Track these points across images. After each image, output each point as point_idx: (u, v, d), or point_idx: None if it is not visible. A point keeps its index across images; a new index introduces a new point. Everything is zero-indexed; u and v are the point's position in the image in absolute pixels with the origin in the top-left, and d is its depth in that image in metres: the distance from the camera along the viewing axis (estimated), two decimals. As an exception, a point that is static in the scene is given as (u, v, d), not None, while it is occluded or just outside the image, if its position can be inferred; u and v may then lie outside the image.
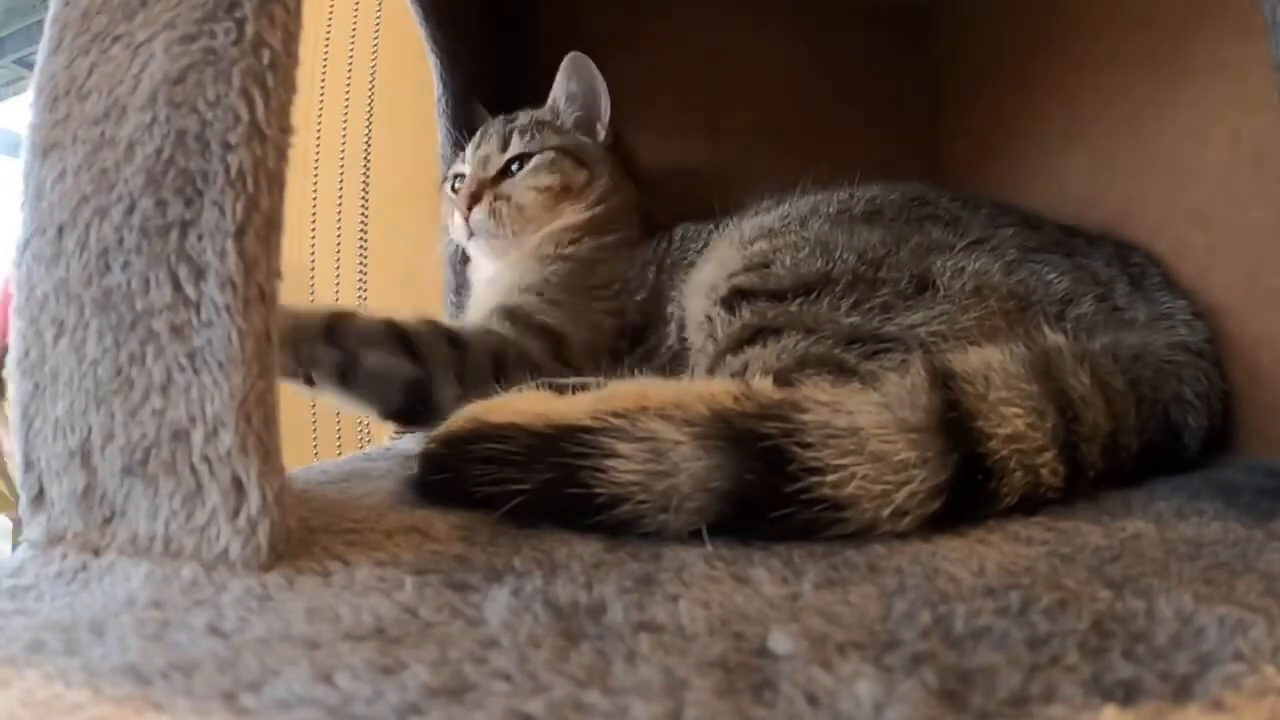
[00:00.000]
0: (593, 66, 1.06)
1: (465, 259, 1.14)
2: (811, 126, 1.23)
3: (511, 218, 1.00)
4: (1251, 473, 0.58)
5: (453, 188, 1.08)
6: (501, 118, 1.09)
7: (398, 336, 0.75)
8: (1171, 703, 0.24)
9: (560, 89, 1.08)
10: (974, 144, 1.16)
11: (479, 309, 0.95)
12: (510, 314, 0.87)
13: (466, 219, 1.00)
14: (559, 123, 1.07)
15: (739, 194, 0.96)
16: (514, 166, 1.02)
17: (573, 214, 1.01)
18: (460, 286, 1.15)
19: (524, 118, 1.07)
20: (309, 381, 0.72)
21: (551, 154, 1.02)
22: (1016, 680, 0.25)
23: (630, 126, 1.13)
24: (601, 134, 1.07)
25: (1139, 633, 0.29)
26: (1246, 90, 0.64)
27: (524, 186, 1.01)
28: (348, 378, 0.73)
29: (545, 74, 1.09)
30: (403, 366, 0.74)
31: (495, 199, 1.00)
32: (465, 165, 1.06)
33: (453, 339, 0.79)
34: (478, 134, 1.08)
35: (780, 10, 1.25)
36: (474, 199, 1.01)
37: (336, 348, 0.72)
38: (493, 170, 1.03)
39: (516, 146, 1.03)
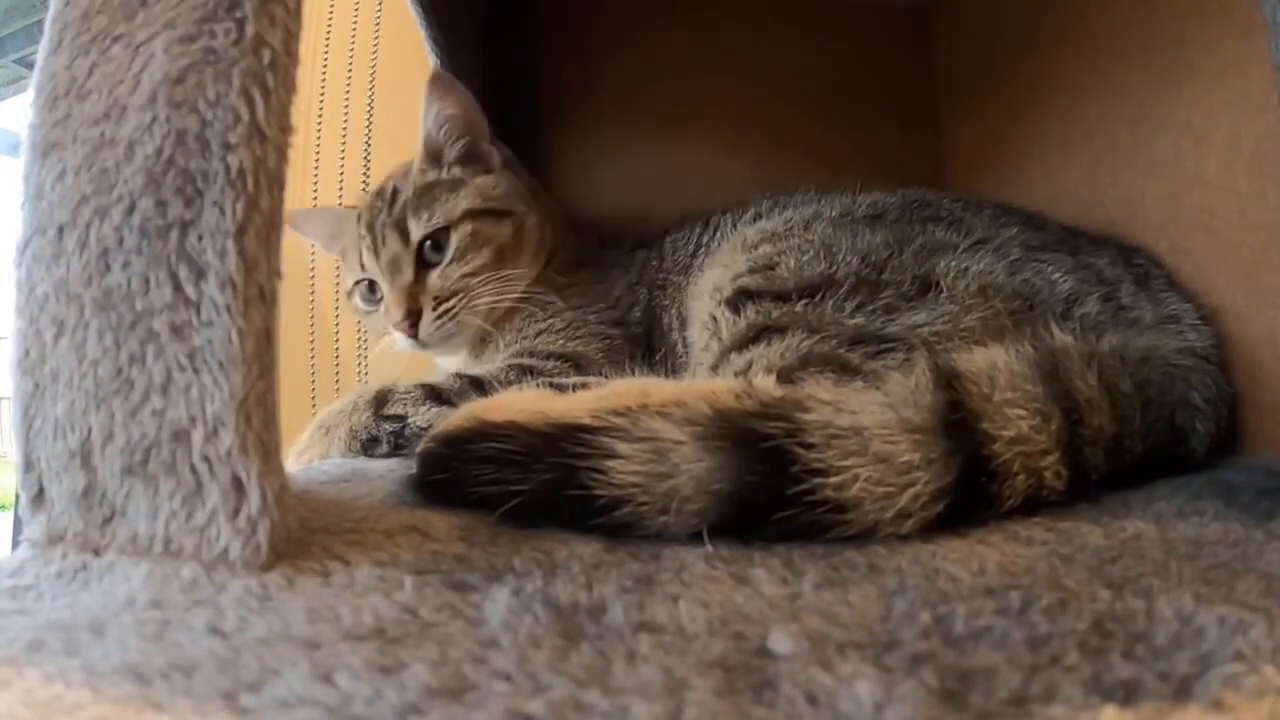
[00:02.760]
0: (456, 82, 0.94)
1: None
2: (812, 127, 1.23)
3: (467, 311, 0.90)
4: (1252, 473, 0.57)
5: (365, 298, 0.97)
6: (372, 201, 0.96)
7: (433, 391, 0.79)
8: (1171, 703, 0.24)
9: (432, 120, 0.94)
10: (975, 144, 1.16)
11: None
12: (521, 355, 0.88)
13: (414, 335, 0.90)
14: (447, 173, 0.94)
15: (737, 195, 0.97)
16: (428, 248, 0.91)
17: (523, 272, 0.93)
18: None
19: (405, 188, 0.93)
20: (368, 453, 0.78)
21: (468, 226, 0.90)
22: (1016, 680, 0.25)
23: (630, 127, 1.12)
24: (495, 155, 0.96)
25: (1139, 633, 0.29)
26: (1247, 91, 0.64)
27: (458, 276, 0.90)
28: (400, 435, 0.77)
29: (545, 74, 1.08)
30: (442, 414, 0.75)
31: (436, 304, 0.89)
32: (369, 273, 0.95)
33: (476, 382, 0.81)
34: (360, 229, 0.95)
35: (781, 10, 1.25)
36: (412, 315, 0.89)
37: (386, 419, 0.78)
38: (409, 274, 0.90)
39: (418, 230, 0.91)
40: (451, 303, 0.90)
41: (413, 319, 0.90)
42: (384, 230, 0.93)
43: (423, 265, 0.92)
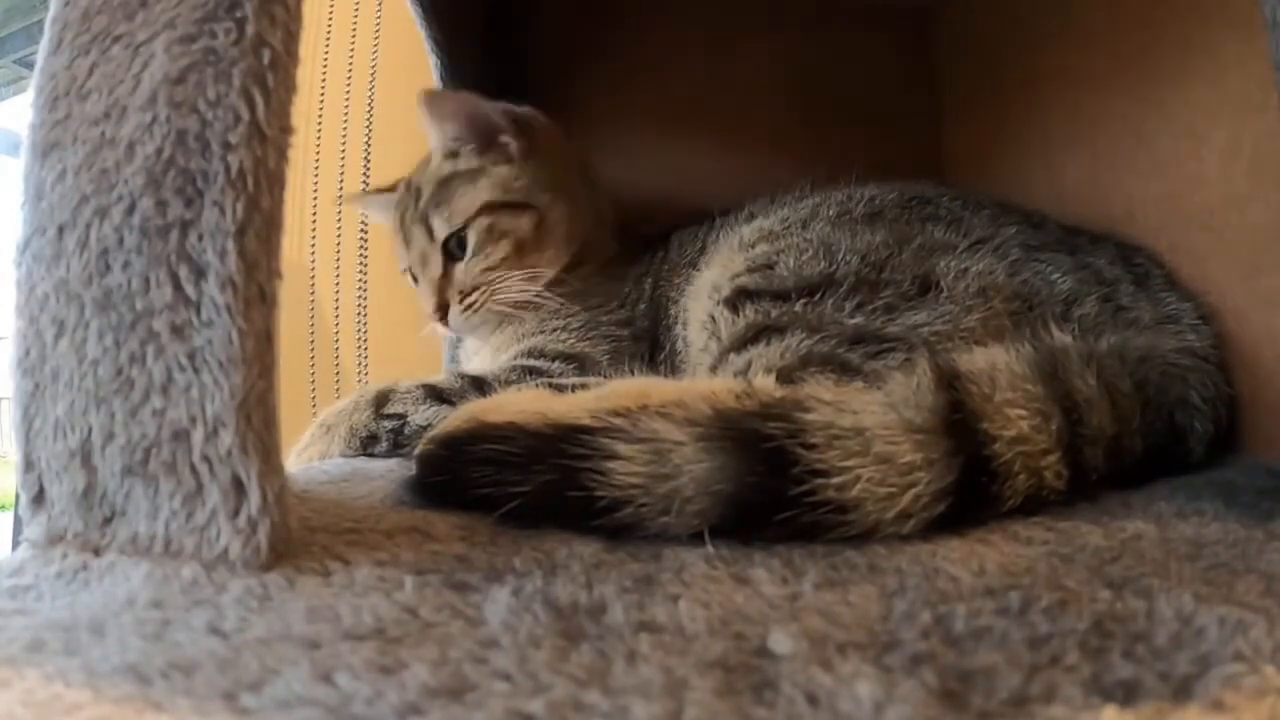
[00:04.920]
0: (445, 96, 0.94)
1: None
2: (812, 127, 1.23)
3: (490, 302, 0.92)
4: (1252, 473, 0.57)
5: (413, 281, 1.00)
6: (402, 195, 0.98)
7: (433, 391, 0.79)
8: (1171, 703, 0.24)
9: (437, 140, 0.95)
10: (975, 144, 1.16)
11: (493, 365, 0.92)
12: (527, 354, 0.88)
13: (445, 325, 0.94)
14: (465, 166, 0.94)
15: (739, 195, 0.97)
16: (453, 245, 0.93)
17: (546, 268, 0.93)
18: (458, 340, 1.09)
19: (427, 186, 0.95)
20: (367, 451, 0.78)
21: (484, 220, 0.91)
22: (1016, 680, 0.25)
23: (632, 127, 1.12)
24: (513, 145, 0.94)
25: (1139, 633, 0.29)
26: (1247, 91, 0.64)
27: (479, 270, 0.92)
28: (400, 433, 0.78)
29: (545, 74, 1.08)
30: (441, 413, 0.76)
31: (462, 297, 0.92)
32: (404, 263, 0.99)
33: (477, 382, 0.81)
34: (396, 218, 0.98)
35: (781, 10, 1.25)
36: (441, 308, 0.93)
37: (386, 417, 0.78)
38: (436, 268, 0.94)
39: (441, 228, 0.92)
40: (474, 296, 0.92)
41: (442, 311, 0.93)
42: (411, 226, 0.95)
43: (451, 258, 0.93)
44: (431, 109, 0.93)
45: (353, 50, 1.36)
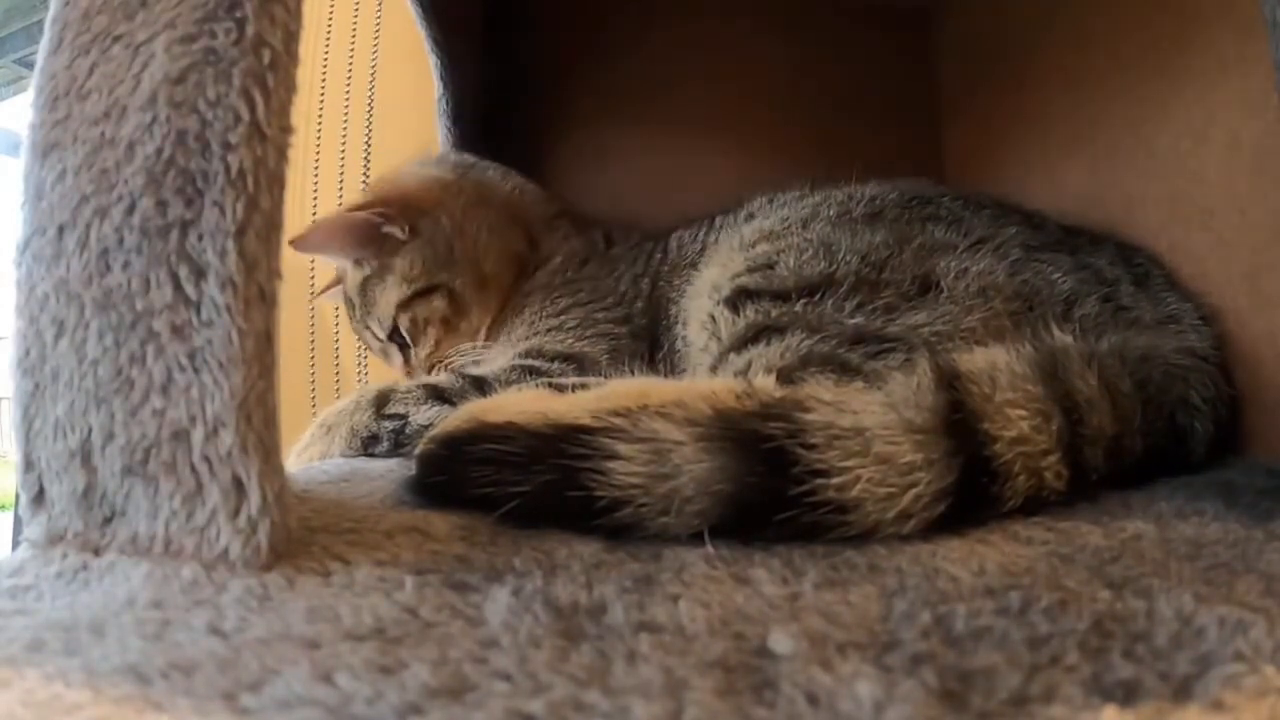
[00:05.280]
0: (317, 227, 0.95)
1: None
2: (812, 126, 1.23)
3: (457, 366, 0.94)
4: (1252, 473, 0.57)
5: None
6: (343, 299, 1.04)
7: (434, 391, 0.80)
8: (1171, 703, 0.24)
9: (335, 262, 1.01)
10: (974, 144, 1.16)
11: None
12: (525, 355, 0.88)
13: None
14: (370, 270, 0.97)
15: (739, 195, 0.97)
16: (398, 338, 0.98)
17: (481, 323, 0.96)
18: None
19: (354, 296, 0.99)
20: (368, 451, 0.79)
21: (404, 316, 0.95)
22: (1016, 680, 0.25)
23: (631, 127, 1.12)
24: (396, 232, 0.95)
25: (1139, 633, 0.29)
26: (1247, 90, 0.64)
27: (425, 356, 0.97)
28: (401, 434, 0.78)
29: (546, 74, 1.08)
30: (442, 413, 0.77)
31: (429, 370, 0.96)
32: (377, 351, 1.05)
33: (478, 381, 0.82)
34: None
35: (781, 11, 1.25)
36: (412, 372, 0.98)
37: (387, 418, 0.79)
38: (398, 358, 1.00)
39: (380, 331, 0.99)
40: (440, 369, 0.96)
41: (414, 375, 0.98)
42: (361, 330, 1.03)
43: (404, 345, 0.99)
44: (310, 249, 0.98)
45: (353, 50, 1.36)
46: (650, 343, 0.92)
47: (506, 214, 1.02)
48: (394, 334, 0.98)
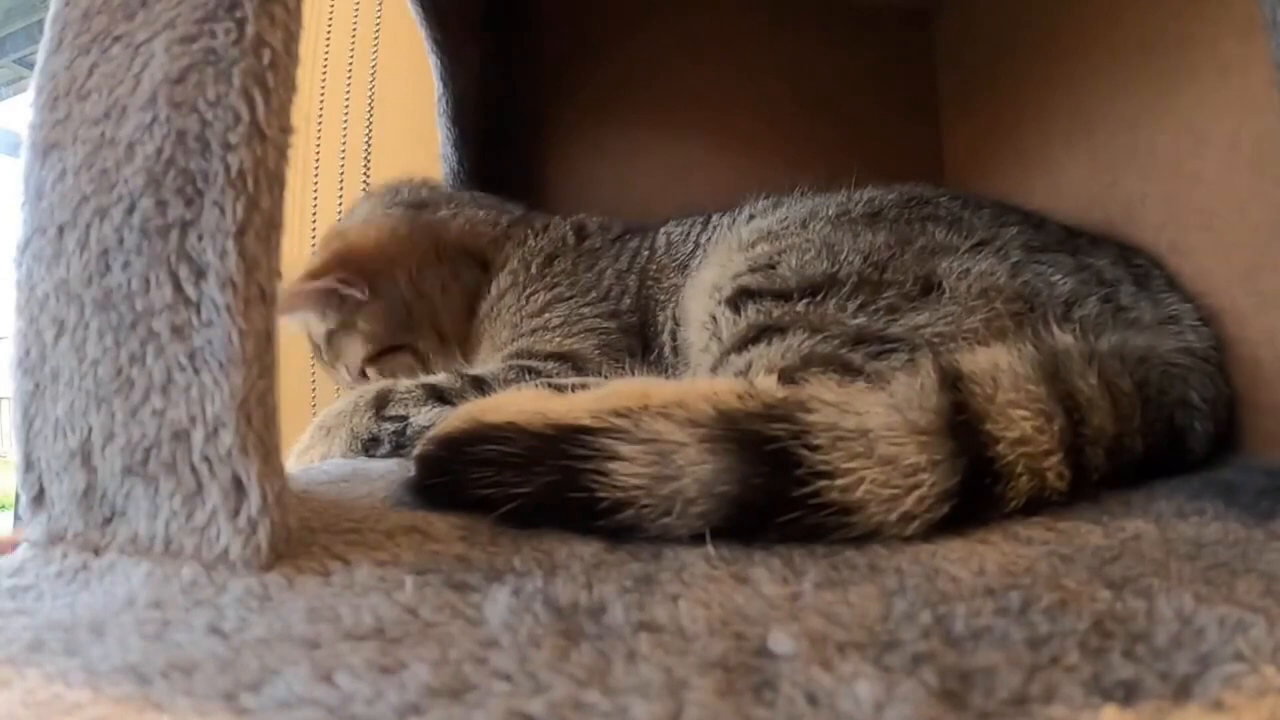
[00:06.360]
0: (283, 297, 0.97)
1: None
2: (812, 125, 1.23)
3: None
4: (1251, 473, 0.57)
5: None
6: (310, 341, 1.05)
7: (434, 391, 0.80)
8: (1171, 703, 0.24)
9: (304, 324, 1.02)
10: (974, 144, 1.16)
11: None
12: (516, 355, 0.88)
13: None
14: (335, 323, 0.98)
15: (737, 192, 0.97)
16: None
17: (448, 356, 0.97)
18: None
19: (320, 342, 1.01)
20: (368, 453, 0.79)
21: (372, 369, 0.97)
22: (1016, 680, 0.25)
23: (630, 126, 1.12)
24: (355, 294, 0.96)
25: (1139, 633, 0.29)
26: (1247, 90, 0.64)
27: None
28: (402, 434, 0.78)
29: (546, 73, 1.08)
30: (443, 414, 0.77)
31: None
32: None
33: (477, 381, 0.82)
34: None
35: (780, 9, 1.26)
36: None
37: (387, 419, 0.79)
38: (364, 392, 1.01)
39: (348, 374, 1.00)
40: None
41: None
42: (329, 369, 1.04)
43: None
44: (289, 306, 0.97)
45: (353, 50, 1.36)
46: (640, 339, 0.92)
47: (460, 253, 1.02)
48: (364, 374, 1.00)
